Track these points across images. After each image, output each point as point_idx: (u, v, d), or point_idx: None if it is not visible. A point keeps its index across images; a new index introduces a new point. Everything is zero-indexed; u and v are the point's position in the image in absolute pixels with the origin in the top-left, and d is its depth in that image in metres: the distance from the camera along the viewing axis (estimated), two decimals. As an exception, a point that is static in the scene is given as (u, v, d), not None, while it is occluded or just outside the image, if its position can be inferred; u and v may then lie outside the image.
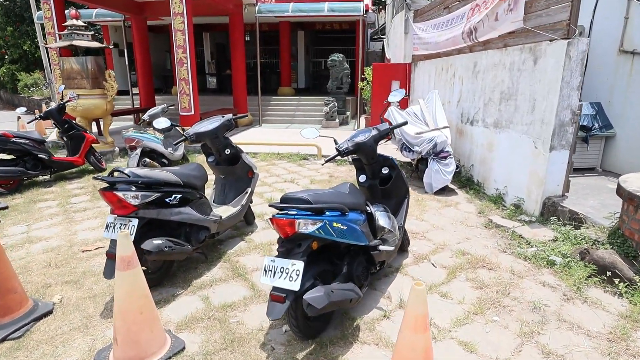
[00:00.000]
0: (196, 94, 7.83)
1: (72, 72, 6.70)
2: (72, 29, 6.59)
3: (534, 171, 4.14)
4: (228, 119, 3.39)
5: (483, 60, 5.25)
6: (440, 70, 6.89)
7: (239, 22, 10.35)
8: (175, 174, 2.71)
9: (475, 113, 5.46)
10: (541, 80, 4.03)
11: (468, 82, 5.70)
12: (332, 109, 10.48)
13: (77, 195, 5.07)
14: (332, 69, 10.91)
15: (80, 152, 5.91)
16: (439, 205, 4.66)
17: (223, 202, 3.54)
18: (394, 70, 8.83)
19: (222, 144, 3.40)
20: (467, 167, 5.66)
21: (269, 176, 5.91)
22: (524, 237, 3.64)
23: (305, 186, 5.33)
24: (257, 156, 7.15)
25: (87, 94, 6.75)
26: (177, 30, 7.46)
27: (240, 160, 3.50)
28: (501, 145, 4.80)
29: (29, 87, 16.40)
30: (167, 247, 2.52)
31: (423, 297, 1.51)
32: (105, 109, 7.00)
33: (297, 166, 6.52)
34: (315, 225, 2.03)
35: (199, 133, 3.27)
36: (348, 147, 2.78)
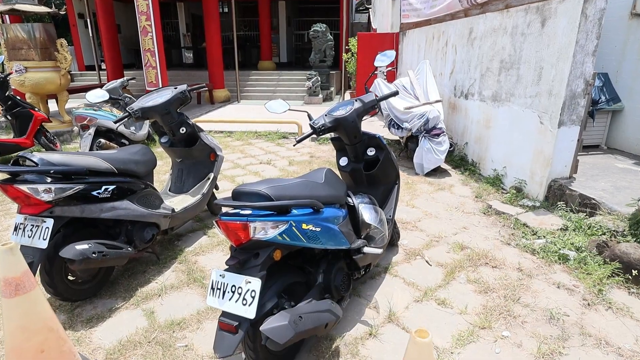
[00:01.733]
0: (164, 67, 7.09)
1: (18, 41, 5.90)
2: (14, -9, 5.76)
3: (539, 150, 3.67)
4: (181, 91, 2.79)
5: (480, 26, 4.68)
6: (431, 39, 6.31)
7: (212, -12, 9.47)
8: (106, 159, 2.13)
9: (471, 85, 4.93)
10: (550, 45, 3.50)
11: (463, 51, 5.14)
12: (315, 84, 9.81)
13: (21, 182, 4.42)
14: (315, 41, 10.18)
15: (28, 132, 5.20)
16: (431, 188, 4.18)
17: (180, 190, 2.98)
18: (381, 40, 8.19)
19: (176, 121, 2.80)
20: (461, 145, 5.17)
21: (243, 157, 5.33)
22: (529, 225, 3.19)
23: (283, 169, 4.78)
24: (232, 135, 6.53)
25: (37, 66, 5.99)
26: (139, -6, 6.66)
27: (198, 141, 2.92)
28: (500, 121, 4.30)
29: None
30: (97, 253, 1.98)
31: (428, 356, 1.00)
32: (59, 84, 6.25)
33: (275, 146, 5.94)
34: (277, 229, 1.51)
35: (145, 108, 2.66)
36: (325, 124, 2.23)
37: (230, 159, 5.18)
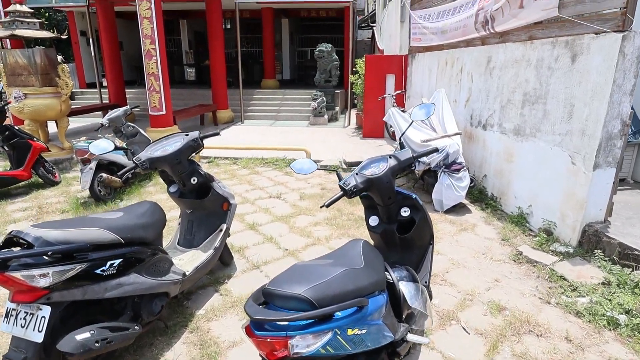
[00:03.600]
0: (168, 91, 6.89)
1: (18, 67, 5.71)
2: (15, 16, 5.57)
3: (571, 191, 3.44)
4: (193, 138, 2.56)
5: (500, 55, 4.50)
6: (444, 64, 6.13)
7: (216, 8, 9.35)
8: (112, 228, 1.88)
9: (489, 116, 4.73)
10: (582, 82, 3.30)
11: (480, 80, 4.96)
12: (321, 105, 9.64)
13: (17, 221, 4.17)
14: (320, 61, 10.03)
15: (26, 163, 4.97)
16: (454, 229, 3.94)
17: (190, 244, 2.73)
18: (389, 62, 8.04)
19: (187, 170, 2.57)
20: (479, 177, 4.95)
21: (252, 189, 5.09)
22: (567, 278, 2.95)
23: (294, 204, 4.53)
24: (238, 162, 6.31)
25: (37, 92, 5.78)
26: (143, 18, 6.48)
27: (211, 192, 2.68)
28: (524, 157, 4.08)
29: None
30: (100, 342, 1.72)
31: None
32: (60, 110, 6.04)
33: (283, 175, 5.70)
34: (320, 341, 1.26)
35: (153, 159, 2.43)
36: (357, 185, 2.00)
37: (238, 192, 4.94)
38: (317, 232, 3.79)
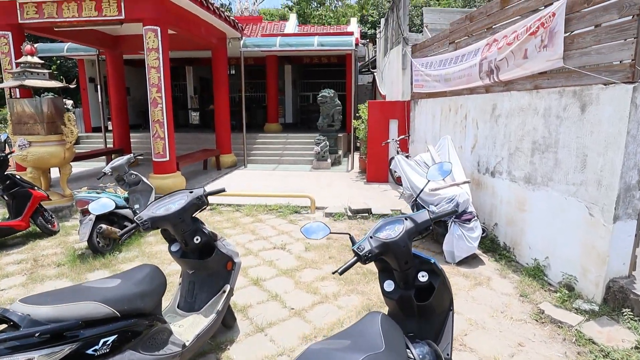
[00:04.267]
0: (172, 138, 6.91)
1: (25, 115, 5.73)
2: (25, 67, 5.67)
3: (590, 244, 3.28)
4: (198, 196, 2.45)
5: (505, 103, 4.50)
6: (447, 111, 6.16)
7: (222, 56, 9.63)
8: (107, 301, 1.72)
9: (497, 163, 4.66)
10: (593, 132, 3.25)
11: (485, 127, 4.94)
12: (324, 149, 9.67)
13: (10, 275, 3.98)
14: (323, 106, 10.18)
15: (24, 213, 4.85)
16: (468, 283, 3.74)
17: (191, 307, 2.55)
18: (392, 108, 8.13)
19: (190, 229, 2.44)
20: (489, 225, 4.80)
21: (255, 239, 4.93)
22: (596, 342, 2.73)
23: (300, 256, 4.36)
24: (241, 209, 6.18)
25: (41, 140, 5.76)
26: (151, 68, 6.62)
27: (215, 251, 2.54)
28: (536, 206, 3.96)
29: (-4, 124, 15.29)
30: None
31: None
32: (63, 157, 6.00)
33: (288, 223, 5.56)
34: None
35: (155, 218, 2.31)
36: (372, 250, 1.86)
37: (241, 242, 4.78)
38: (324, 288, 3.59)
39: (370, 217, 5.79)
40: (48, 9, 6.72)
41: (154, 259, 4.34)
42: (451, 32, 5.99)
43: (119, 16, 6.57)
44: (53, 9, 6.69)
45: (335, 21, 27.29)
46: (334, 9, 28.92)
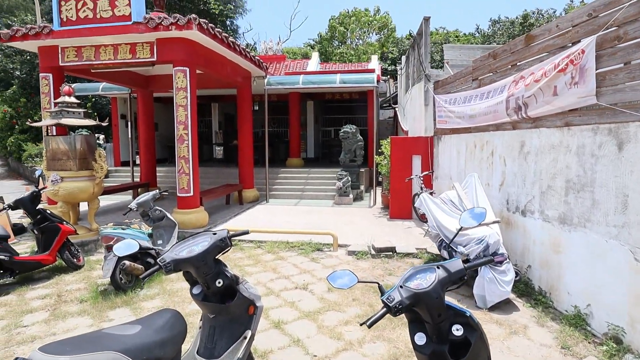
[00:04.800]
0: (196, 174, 7.03)
1: (59, 152, 5.98)
2: (62, 106, 5.97)
3: (638, 292, 3.03)
4: (221, 238, 2.40)
5: (534, 140, 4.38)
6: (472, 147, 6.05)
7: (247, 94, 9.93)
8: (128, 350, 1.65)
9: (528, 202, 4.47)
10: (634, 171, 3.08)
11: (514, 164, 4.80)
12: (346, 184, 9.62)
13: (34, 311, 4.00)
14: (345, 141, 10.24)
15: (52, 248, 4.94)
16: (502, 332, 3.50)
17: (211, 354, 2.43)
18: (414, 144, 8.08)
19: (212, 272, 2.38)
20: (522, 267, 4.55)
21: (277, 278, 4.83)
22: (654, 406, 2.45)
23: (323, 297, 4.21)
24: (262, 246, 6.12)
25: (73, 176, 5.96)
26: (179, 106, 6.86)
27: (237, 295, 2.46)
28: (574, 248, 3.73)
29: (32, 157, 16.05)
30: None
31: None
32: (92, 192, 6.17)
33: (310, 261, 5.44)
34: None
35: (178, 260, 2.26)
36: (402, 301, 1.75)
37: (262, 281, 4.69)
38: (348, 333, 3.43)
39: (395, 256, 5.62)
40: (87, 52, 7.14)
41: (175, 297, 4.28)
42: (474, 69, 5.99)
43: (152, 58, 6.90)
44: (91, 52, 7.11)
45: (356, 59, 28.00)
46: (355, 47, 29.77)
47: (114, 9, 6.58)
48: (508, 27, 24.66)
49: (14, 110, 17.55)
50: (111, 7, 6.59)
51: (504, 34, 24.31)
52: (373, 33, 30.60)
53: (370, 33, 30.59)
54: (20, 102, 17.59)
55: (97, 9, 6.65)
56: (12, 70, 17.66)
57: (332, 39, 30.80)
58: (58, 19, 6.82)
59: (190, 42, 6.83)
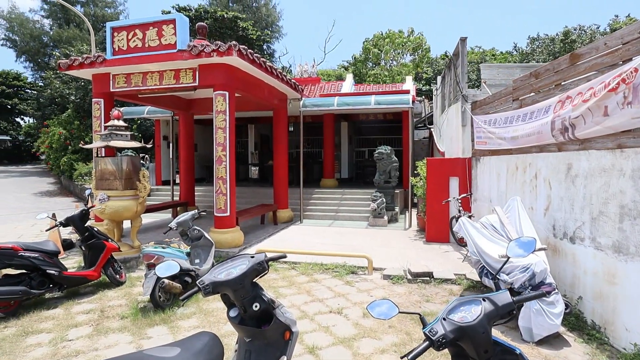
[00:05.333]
0: (233, 194, 7.19)
1: (107, 172, 6.32)
2: (112, 129, 6.34)
3: None
4: (259, 262, 2.42)
5: (582, 163, 4.15)
6: (514, 169, 5.83)
7: (283, 116, 10.15)
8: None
9: (577, 228, 4.21)
10: (699, 198, 2.84)
11: (560, 188, 4.56)
12: (380, 206, 9.49)
13: (79, 326, 4.15)
14: (380, 162, 10.17)
15: (97, 264, 5.16)
16: (553, 368, 3.25)
17: (246, 378, 2.42)
18: (451, 165, 7.89)
19: (249, 295, 2.38)
20: (571, 298, 4.25)
21: (310, 301, 4.77)
22: None
23: (358, 323, 4.11)
24: (296, 267, 6.11)
25: (119, 195, 6.27)
26: (218, 128, 7.11)
27: (273, 319, 2.45)
28: (632, 279, 3.45)
29: (82, 176, 17.07)
30: None
31: None
32: (136, 211, 6.45)
33: (344, 284, 5.36)
34: None
35: (217, 282, 2.29)
36: (446, 335, 1.67)
37: (297, 304, 4.65)
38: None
39: (432, 282, 5.42)
40: (135, 79, 7.60)
41: (210, 316, 4.33)
42: (514, 89, 5.83)
43: (194, 83, 7.23)
44: (139, 78, 7.55)
45: (391, 79, 28.08)
46: (389, 68, 29.90)
47: (161, 38, 7.00)
48: (548, 45, 23.97)
49: (68, 132, 18.84)
50: (158, 37, 7.01)
51: (543, 52, 23.63)
52: (407, 54, 30.67)
53: (405, 54, 30.68)
54: (74, 125, 18.87)
55: (145, 38, 7.10)
56: (68, 95, 19.06)
57: (366, 60, 31.14)
58: (111, 49, 7.33)
59: (230, 67, 7.12)
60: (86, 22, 13.84)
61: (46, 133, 20.31)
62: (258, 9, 29.88)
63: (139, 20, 7.20)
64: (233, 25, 23.52)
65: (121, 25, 7.33)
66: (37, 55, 29.27)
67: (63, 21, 28.56)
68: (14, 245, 4.52)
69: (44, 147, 20.50)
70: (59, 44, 26.45)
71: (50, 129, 19.94)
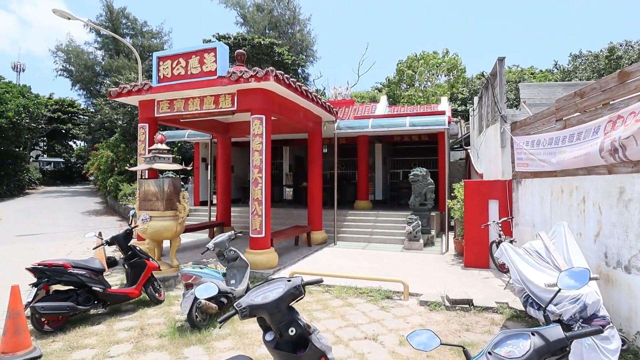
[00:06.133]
0: (269, 215, 7.29)
1: (149, 193, 6.60)
2: (155, 152, 6.66)
3: None
4: (295, 286, 2.42)
5: (636, 186, 3.90)
6: (559, 192, 5.56)
7: (317, 138, 10.28)
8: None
9: (633, 257, 3.92)
10: None
11: (612, 213, 4.28)
12: (416, 229, 9.29)
13: (120, 342, 4.28)
14: (415, 184, 10.01)
15: (139, 282, 5.35)
16: (610, 411, 2.98)
17: (281, 404, 2.39)
18: (491, 188, 7.63)
19: (285, 319, 2.38)
20: (628, 334, 3.92)
21: (345, 326, 4.68)
22: None
23: (394, 351, 3.97)
24: (330, 290, 6.04)
25: (160, 215, 6.51)
26: (254, 151, 7.30)
27: (309, 345, 2.42)
28: (699, 316, 3.15)
29: (127, 196, 17.92)
30: None
31: None
32: (175, 231, 6.66)
33: (379, 310, 5.23)
34: None
35: (254, 305, 2.31)
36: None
37: (331, 329, 4.57)
38: (423, 395, 3.16)
39: (472, 309, 5.18)
40: (177, 104, 8.00)
41: (245, 338, 4.33)
42: (558, 109, 5.63)
43: (232, 108, 7.51)
44: (181, 104, 7.95)
45: (425, 100, 27.89)
46: (424, 89, 29.76)
47: (203, 65, 7.37)
48: (592, 62, 23.06)
49: (114, 155, 19.96)
50: (200, 65, 7.39)
51: (586, 69, 22.73)
52: (442, 75, 30.46)
53: (439, 75, 30.49)
54: (120, 148, 19.99)
55: (188, 66, 7.50)
56: (116, 120, 20.30)
57: (399, 82, 31.20)
58: (156, 77, 7.79)
59: (267, 91, 7.35)
60: (134, 52, 14.80)
61: (95, 155, 21.62)
62: (293, 34, 30.87)
63: (182, 49, 7.65)
64: (269, 50, 24.39)
65: (166, 54, 7.81)
66: (90, 84, 31.55)
67: (113, 52, 30.75)
68: (64, 262, 4.79)
69: (93, 169, 21.80)
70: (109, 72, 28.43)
71: (99, 151, 21.22)
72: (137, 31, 32.37)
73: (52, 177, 35.42)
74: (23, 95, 24.34)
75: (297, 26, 31.42)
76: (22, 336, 3.92)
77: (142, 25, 32.58)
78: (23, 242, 10.85)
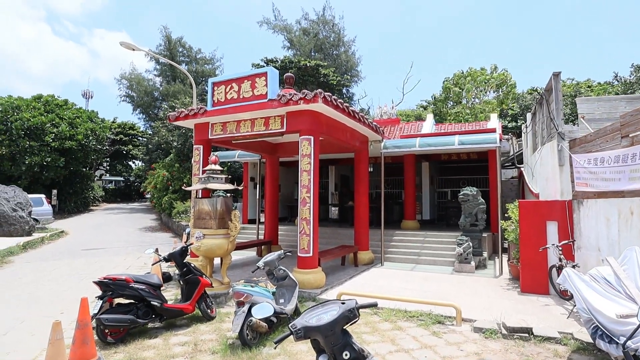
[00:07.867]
0: (316, 235, 7.36)
1: (203, 212, 6.91)
2: (209, 173, 7.00)
3: None
4: (350, 308, 2.43)
5: None
6: (628, 214, 5.16)
7: (364, 157, 10.31)
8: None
9: None
10: None
11: (693, 239, 3.90)
12: (467, 250, 8.93)
13: (176, 357, 4.46)
14: (465, 204, 9.68)
15: (193, 298, 5.58)
16: None
17: None
18: (549, 208, 7.21)
19: (339, 343, 2.39)
20: None
21: (395, 351, 4.56)
22: None
23: (448, 380, 3.82)
24: (379, 313, 5.93)
25: (212, 233, 6.78)
26: (303, 171, 7.45)
27: (363, 370, 2.40)
28: None
29: (180, 214, 18.83)
30: None
31: None
32: (227, 249, 6.89)
33: (430, 335, 5.05)
34: None
35: (308, 327, 2.35)
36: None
37: (381, 353, 4.48)
38: None
39: (532, 339, 4.87)
40: (230, 126, 8.40)
41: (295, 359, 4.35)
42: (623, 125, 5.29)
43: (282, 129, 7.76)
44: (234, 126, 8.33)
45: (473, 117, 27.11)
46: (471, 106, 28.97)
47: (254, 89, 7.72)
48: (659, 73, 21.36)
49: (169, 174, 21.14)
50: (251, 89, 7.74)
51: (654, 81, 21.07)
52: (491, 91, 29.55)
53: (488, 91, 29.60)
54: (175, 167, 21.15)
55: (240, 90, 7.89)
56: (172, 141, 21.57)
57: (446, 99, 30.63)
58: (211, 101, 8.26)
59: (315, 113, 7.53)
60: (189, 78, 15.77)
61: (152, 175, 23.03)
62: (338, 56, 31.46)
63: (235, 74, 8.07)
64: (315, 72, 25.00)
65: (220, 80, 8.27)
66: (149, 108, 33.96)
67: (170, 78, 32.98)
68: (127, 277, 5.11)
69: (150, 187, 23.20)
70: (166, 97, 30.46)
71: (156, 171, 22.58)
72: (192, 58, 34.54)
73: (113, 195, 38.08)
74: (91, 120, 26.62)
75: (342, 47, 32.02)
76: (89, 346, 4.19)
77: (196, 53, 34.76)
78: (88, 256, 11.69)
